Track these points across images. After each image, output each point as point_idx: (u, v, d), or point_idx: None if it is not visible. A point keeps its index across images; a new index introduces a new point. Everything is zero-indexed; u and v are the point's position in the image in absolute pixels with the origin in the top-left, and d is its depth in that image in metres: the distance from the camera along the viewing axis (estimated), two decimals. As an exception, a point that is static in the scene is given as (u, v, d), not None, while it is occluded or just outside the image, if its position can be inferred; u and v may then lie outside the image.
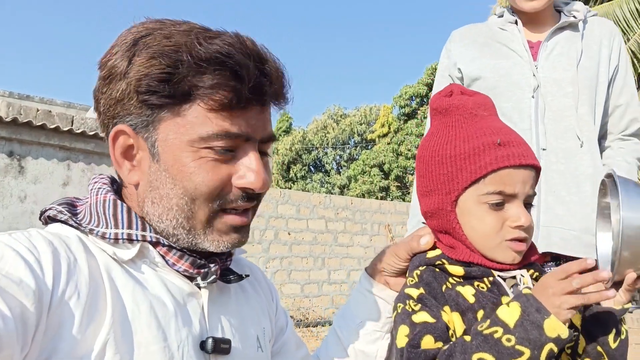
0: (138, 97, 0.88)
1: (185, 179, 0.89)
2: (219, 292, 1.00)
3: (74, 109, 12.41)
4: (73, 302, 0.79)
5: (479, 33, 1.88)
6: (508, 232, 1.02)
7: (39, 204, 8.18)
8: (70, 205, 0.97)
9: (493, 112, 1.09)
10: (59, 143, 8.31)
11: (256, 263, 11.39)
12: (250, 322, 1.05)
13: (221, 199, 0.91)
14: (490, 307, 0.98)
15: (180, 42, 0.87)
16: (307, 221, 12.17)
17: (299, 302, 11.73)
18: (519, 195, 1.02)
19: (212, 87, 0.86)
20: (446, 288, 1.03)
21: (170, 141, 0.89)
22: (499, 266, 1.04)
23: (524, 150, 1.03)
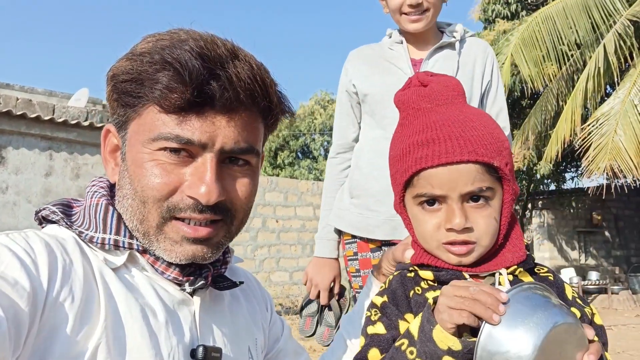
0: (113, 95, 0.91)
1: (136, 180, 0.89)
2: (212, 301, 0.99)
3: (55, 97, 12.21)
4: (67, 305, 0.79)
5: (372, 53, 2.07)
6: (443, 235, 0.96)
7: (20, 194, 8.06)
8: (66, 206, 0.97)
9: (440, 101, 0.99)
10: (40, 132, 8.18)
11: (244, 251, 11.51)
12: (243, 332, 1.04)
13: (170, 205, 0.88)
14: None
15: (153, 46, 0.88)
16: (295, 208, 12.15)
17: (288, 290, 11.74)
18: (451, 195, 0.94)
19: (162, 89, 0.85)
20: (414, 294, 1.00)
21: (132, 141, 0.90)
22: (471, 269, 0.98)
23: (448, 148, 0.93)
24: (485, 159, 0.93)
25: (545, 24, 9.86)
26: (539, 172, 14.57)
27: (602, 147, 8.52)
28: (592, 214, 19.38)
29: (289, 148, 26.39)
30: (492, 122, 1.00)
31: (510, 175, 0.97)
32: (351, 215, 2.00)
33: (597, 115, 8.91)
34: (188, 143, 0.86)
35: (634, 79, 8.73)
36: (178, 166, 0.88)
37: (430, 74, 1.04)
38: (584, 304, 0.99)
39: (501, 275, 0.96)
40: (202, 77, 0.84)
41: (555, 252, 19.10)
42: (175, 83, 0.84)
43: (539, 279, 0.99)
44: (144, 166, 0.88)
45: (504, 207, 0.98)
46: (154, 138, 0.87)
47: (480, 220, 0.95)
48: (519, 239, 1.01)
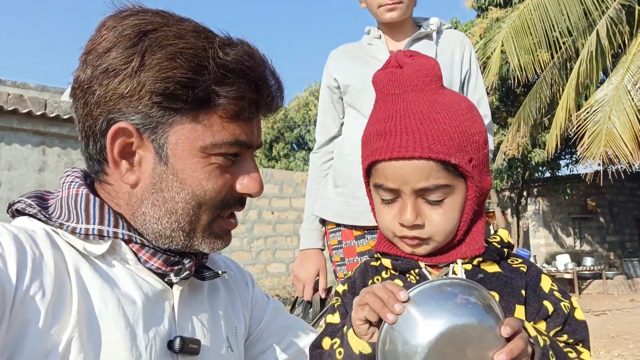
0: (152, 97, 0.84)
1: (195, 184, 0.89)
2: (191, 292, 0.99)
3: (47, 92, 12.12)
4: (38, 299, 0.77)
5: (352, 50, 2.13)
6: (396, 228, 0.94)
7: (14, 190, 8.02)
8: (40, 198, 0.94)
9: (409, 87, 0.95)
10: (32, 128, 8.13)
11: (240, 243, 11.53)
12: (222, 322, 1.03)
13: (224, 204, 0.93)
14: None
15: (197, 45, 0.86)
16: (291, 199, 12.15)
17: (284, 281, 11.76)
18: (403, 190, 0.91)
19: (234, 98, 0.87)
20: (371, 283, 0.98)
21: (181, 145, 0.88)
22: (427, 258, 0.96)
23: (402, 142, 0.89)
24: (440, 156, 0.88)
25: (537, 11, 9.83)
26: (533, 159, 14.60)
27: (597, 134, 8.53)
28: (587, 200, 19.48)
29: (284, 140, 26.36)
30: (464, 112, 0.94)
31: (474, 172, 0.92)
32: (336, 204, 2.02)
33: (591, 102, 8.91)
34: (244, 145, 0.92)
35: (627, 65, 8.73)
36: (229, 168, 0.92)
37: (409, 54, 0.99)
38: (563, 298, 0.94)
39: (456, 265, 0.94)
40: (272, 87, 0.93)
41: (551, 238, 19.21)
42: (250, 94, 0.89)
43: (510, 271, 0.95)
44: (202, 171, 0.89)
45: (467, 204, 0.94)
46: (216, 144, 0.89)
47: (435, 216, 0.92)
48: (479, 233, 0.97)
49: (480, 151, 0.94)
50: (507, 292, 0.92)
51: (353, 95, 2.04)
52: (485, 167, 0.96)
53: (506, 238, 0.99)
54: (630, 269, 16.24)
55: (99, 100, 0.86)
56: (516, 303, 0.92)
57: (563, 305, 0.93)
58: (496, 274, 0.94)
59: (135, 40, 0.85)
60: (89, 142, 0.91)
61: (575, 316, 0.94)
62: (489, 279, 0.93)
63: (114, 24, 0.88)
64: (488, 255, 0.95)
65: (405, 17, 2.03)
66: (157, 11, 0.92)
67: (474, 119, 0.95)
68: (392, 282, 0.83)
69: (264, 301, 1.22)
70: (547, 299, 0.93)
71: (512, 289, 0.93)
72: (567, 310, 0.93)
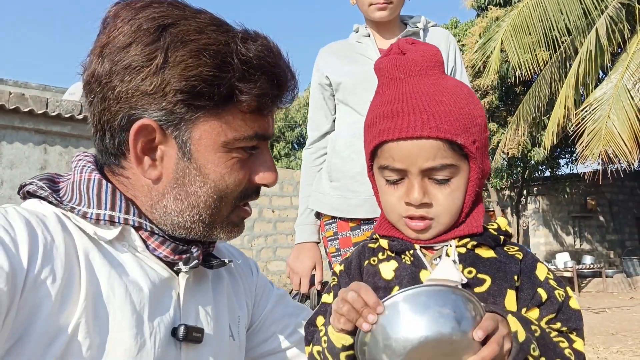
0: (177, 95, 0.84)
1: (218, 178, 0.91)
2: (196, 280, 0.99)
3: (49, 92, 12.14)
4: (48, 284, 0.77)
5: (341, 48, 2.17)
6: (402, 209, 0.95)
7: (15, 189, 8.01)
8: (51, 181, 0.94)
9: (414, 72, 0.97)
10: (34, 126, 8.14)
11: (241, 241, 11.51)
12: (225, 311, 1.04)
13: (243, 196, 0.95)
14: (407, 281, 0.94)
15: (219, 40, 0.86)
16: (291, 198, 12.16)
17: (285, 279, 11.78)
18: (411, 170, 0.92)
19: (257, 95, 0.88)
20: (368, 264, 1.00)
21: (204, 141, 0.89)
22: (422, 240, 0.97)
23: (410, 122, 0.91)
24: (447, 136, 0.90)
25: (537, 10, 9.83)
26: (533, 158, 14.61)
27: (596, 133, 8.55)
28: (587, 199, 19.48)
29: (285, 139, 26.34)
30: (467, 97, 0.96)
31: (477, 153, 0.94)
32: (331, 198, 2.05)
33: (590, 101, 8.93)
34: (262, 138, 0.94)
35: (626, 63, 8.75)
36: (248, 159, 0.94)
37: (411, 42, 1.01)
38: (557, 287, 0.95)
39: (450, 247, 0.95)
40: (292, 83, 0.95)
41: (551, 237, 19.21)
42: (272, 90, 0.91)
43: (505, 257, 0.96)
44: (225, 165, 0.91)
45: (469, 185, 0.96)
46: (237, 138, 0.90)
47: (441, 196, 0.93)
48: (479, 215, 0.99)
49: (482, 134, 0.96)
50: (499, 277, 0.93)
51: (345, 92, 2.07)
52: (485, 150, 0.99)
53: (504, 226, 1.00)
54: (630, 267, 16.26)
55: (119, 96, 0.86)
56: (508, 288, 0.92)
57: (557, 294, 0.94)
58: (490, 259, 0.95)
59: (155, 36, 0.84)
60: (104, 135, 0.90)
61: (569, 305, 0.94)
62: (482, 263, 0.94)
63: (130, 15, 0.86)
64: (483, 240, 0.96)
65: (394, 16, 2.08)
66: (172, 1, 0.90)
67: (476, 103, 0.98)
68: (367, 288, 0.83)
69: (268, 289, 1.22)
70: (542, 287, 0.94)
71: (504, 274, 0.93)
72: (562, 299, 0.93)
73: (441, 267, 0.91)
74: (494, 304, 0.90)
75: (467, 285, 0.90)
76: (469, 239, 0.96)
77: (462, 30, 18.11)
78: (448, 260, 0.92)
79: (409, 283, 0.93)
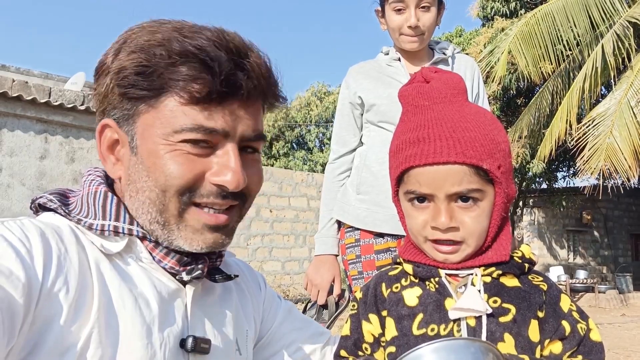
0: (119, 90, 0.88)
1: (158, 171, 0.88)
2: (204, 292, 1.00)
3: (51, 80, 12.09)
4: (62, 295, 0.78)
5: (372, 68, 2.21)
6: (429, 232, 0.97)
7: (15, 177, 8.00)
8: (62, 195, 0.96)
9: (438, 99, 0.99)
10: (35, 115, 8.11)
11: (237, 240, 11.47)
12: (232, 324, 1.04)
13: (192, 192, 0.89)
14: (432, 309, 0.95)
15: (162, 37, 0.87)
16: (289, 199, 12.15)
17: (280, 279, 11.77)
18: (437, 194, 0.94)
19: (185, 80, 0.85)
20: (390, 292, 1.02)
21: (146, 134, 0.89)
22: (449, 265, 0.98)
23: (437, 148, 0.93)
24: (473, 161, 0.92)
25: (545, 21, 9.85)
26: (531, 170, 14.65)
27: (597, 148, 8.56)
28: (582, 213, 19.54)
29: (284, 138, 26.31)
30: (491, 123, 0.98)
31: (502, 178, 0.95)
32: (357, 210, 2.09)
33: (593, 116, 8.94)
34: (212, 132, 0.87)
35: (631, 80, 8.77)
36: (200, 156, 0.89)
37: (434, 70, 1.04)
38: (580, 319, 0.96)
39: (476, 276, 0.96)
40: (230, 67, 0.86)
41: (545, 250, 19.26)
42: (202, 73, 0.85)
43: (529, 287, 0.97)
44: (164, 157, 0.87)
45: (494, 209, 0.97)
46: (176, 130, 0.87)
47: (467, 220, 0.95)
48: (506, 240, 1.00)
49: (506, 159, 0.98)
50: (524, 307, 0.94)
51: (378, 113, 2.12)
52: (510, 175, 1.00)
53: (528, 254, 1.01)
54: (623, 283, 16.30)
55: (95, 103, 0.95)
56: (532, 318, 0.93)
57: (580, 327, 0.95)
58: (515, 288, 0.96)
59: (119, 45, 0.91)
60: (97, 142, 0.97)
61: (590, 337, 0.95)
62: (507, 292, 0.95)
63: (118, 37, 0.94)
64: (508, 269, 0.97)
65: (424, 46, 2.15)
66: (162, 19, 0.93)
67: (499, 129, 0.99)
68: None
69: (276, 303, 1.22)
70: (566, 319, 0.95)
71: (529, 304, 0.94)
72: (583, 332, 0.95)
73: (466, 296, 0.92)
74: (519, 334, 0.91)
75: (492, 314, 0.91)
76: (494, 267, 0.97)
77: (466, 39, 18.14)
78: (473, 289, 0.93)
79: (433, 311, 0.95)
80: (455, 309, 0.91)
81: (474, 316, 0.92)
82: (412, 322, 0.95)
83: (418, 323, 0.95)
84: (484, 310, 0.90)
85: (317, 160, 24.82)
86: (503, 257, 0.97)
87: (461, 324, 0.92)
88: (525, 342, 0.91)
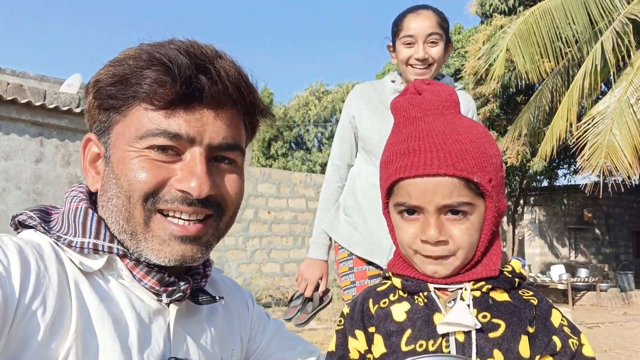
0: (95, 102, 0.90)
1: (123, 176, 0.87)
2: (188, 312, 0.97)
3: (47, 83, 12.04)
4: (39, 315, 0.76)
5: (375, 95, 2.32)
6: (419, 246, 0.95)
7: (10, 181, 7.95)
8: (44, 212, 0.95)
9: (430, 111, 0.98)
10: (31, 118, 8.07)
11: (235, 242, 11.47)
12: (218, 344, 1.02)
13: (155, 198, 0.87)
14: (420, 324, 0.94)
15: (137, 51, 0.88)
16: (288, 200, 12.11)
17: (279, 281, 11.73)
18: (427, 207, 0.93)
19: (149, 85, 0.85)
20: (377, 308, 1.00)
21: (118, 143, 0.89)
22: (438, 280, 0.96)
23: (427, 159, 0.92)
24: (464, 174, 0.91)
25: (543, 19, 9.80)
26: (532, 168, 14.60)
27: (598, 146, 8.52)
28: (584, 211, 19.51)
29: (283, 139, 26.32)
30: (483, 136, 0.98)
31: (493, 192, 0.94)
32: (342, 228, 2.33)
33: (593, 114, 8.89)
34: (176, 137, 0.86)
35: (631, 77, 8.71)
36: (166, 162, 0.88)
37: (427, 82, 1.03)
38: (572, 334, 0.95)
39: (465, 291, 0.95)
40: (191, 70, 0.85)
41: (546, 248, 19.23)
42: (163, 76, 0.84)
43: (519, 302, 0.96)
44: (131, 162, 0.87)
45: (485, 224, 0.96)
46: (141, 135, 0.86)
47: (457, 233, 0.93)
48: (496, 255, 0.99)
49: (497, 172, 0.96)
50: (514, 322, 0.92)
51: (366, 145, 2.28)
52: (501, 189, 0.98)
53: (518, 269, 1.00)
54: (624, 281, 16.26)
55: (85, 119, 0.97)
56: (522, 333, 0.92)
57: (571, 343, 0.93)
58: (505, 303, 0.95)
59: None
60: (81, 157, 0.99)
61: (583, 353, 0.94)
62: (496, 307, 0.94)
63: None
64: (498, 284, 0.96)
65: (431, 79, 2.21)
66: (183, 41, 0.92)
67: (491, 143, 0.98)
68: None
69: (264, 322, 1.21)
70: (557, 335, 0.94)
71: (519, 319, 0.93)
72: (575, 348, 0.93)
73: (455, 311, 0.91)
74: (508, 349, 0.90)
75: (481, 330, 0.90)
76: (484, 282, 0.96)
77: (465, 36, 18.10)
78: (462, 304, 0.92)
79: (422, 326, 0.93)
80: (444, 323, 0.90)
81: (462, 331, 0.90)
82: (401, 338, 0.94)
83: (406, 339, 0.94)
84: (472, 325, 0.89)
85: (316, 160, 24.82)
86: (493, 271, 0.96)
87: (450, 340, 0.91)
88: (516, 358, 0.90)
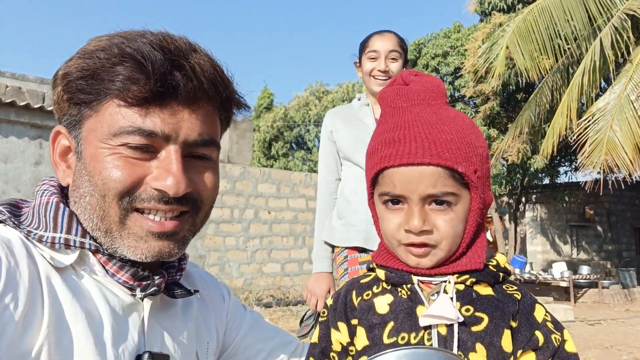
0: (65, 95, 0.88)
1: (97, 174, 0.86)
2: (163, 306, 0.97)
3: (46, 85, 12.04)
4: (10, 311, 0.75)
5: (346, 112, 2.70)
6: (403, 236, 0.94)
7: (9, 183, 7.96)
8: (14, 206, 0.94)
9: (416, 101, 0.98)
10: (29, 121, 8.07)
11: (236, 242, 11.46)
12: (193, 337, 1.02)
13: (131, 196, 0.86)
14: (403, 317, 0.93)
15: (107, 43, 0.86)
16: (288, 200, 12.10)
17: (280, 281, 11.72)
18: (411, 197, 0.92)
19: (122, 81, 0.83)
20: (360, 300, 1.00)
21: (90, 138, 0.87)
22: (422, 271, 0.96)
23: (412, 148, 0.91)
24: (448, 163, 0.91)
25: (542, 16, 9.78)
26: (533, 166, 14.57)
27: (598, 143, 8.49)
28: (585, 208, 19.46)
29: (283, 139, 26.31)
30: (469, 127, 0.97)
31: (478, 183, 0.94)
32: (340, 233, 2.59)
33: (593, 111, 8.87)
34: (151, 135, 0.85)
35: (630, 74, 8.68)
36: (141, 160, 0.86)
37: (414, 73, 1.03)
38: (555, 330, 0.94)
39: (448, 284, 0.94)
40: (165, 67, 0.84)
41: (548, 246, 19.19)
42: (137, 74, 0.83)
43: (503, 296, 0.95)
44: (104, 160, 0.85)
45: (470, 215, 0.96)
46: (115, 133, 0.85)
47: (441, 223, 0.93)
48: (481, 248, 0.98)
49: (483, 164, 0.96)
50: (497, 316, 0.92)
51: (347, 152, 2.60)
52: (487, 181, 0.99)
53: (503, 263, 0.99)
54: (627, 278, 16.21)
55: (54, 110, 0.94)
56: (505, 327, 0.91)
57: (554, 338, 0.93)
58: (488, 297, 0.94)
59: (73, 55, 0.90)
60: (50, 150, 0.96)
61: (565, 348, 0.94)
62: (480, 301, 0.93)
63: None
64: (482, 277, 0.95)
65: None
66: (130, 30, 0.90)
67: (477, 134, 0.98)
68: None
69: (240, 314, 1.20)
70: (539, 329, 0.94)
71: (502, 313, 0.93)
72: (558, 343, 0.93)
73: (438, 304, 0.90)
74: (491, 343, 0.90)
75: (464, 323, 0.90)
76: (468, 275, 0.95)
77: (464, 34, 18.07)
78: (445, 297, 0.92)
79: (404, 318, 0.93)
80: (426, 315, 0.90)
81: (445, 324, 0.90)
82: (383, 330, 0.94)
83: (389, 331, 0.93)
84: (455, 318, 0.88)
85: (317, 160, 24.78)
86: (477, 264, 0.95)
87: (432, 333, 0.90)
88: (498, 353, 0.90)
